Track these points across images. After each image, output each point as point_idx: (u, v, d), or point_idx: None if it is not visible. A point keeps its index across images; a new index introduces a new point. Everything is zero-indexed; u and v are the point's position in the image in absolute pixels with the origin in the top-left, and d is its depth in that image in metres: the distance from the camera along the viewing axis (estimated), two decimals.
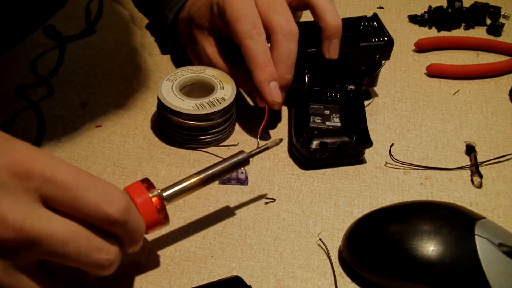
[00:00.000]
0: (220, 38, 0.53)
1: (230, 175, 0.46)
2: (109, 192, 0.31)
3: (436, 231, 0.38)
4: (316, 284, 0.40)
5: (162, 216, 0.37)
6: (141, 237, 0.35)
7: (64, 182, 0.30)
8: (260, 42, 0.47)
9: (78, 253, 0.31)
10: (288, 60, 0.48)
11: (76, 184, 0.30)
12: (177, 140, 0.49)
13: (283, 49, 0.47)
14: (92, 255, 0.31)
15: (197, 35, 0.53)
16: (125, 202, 0.32)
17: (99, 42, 0.62)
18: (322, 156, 0.47)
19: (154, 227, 0.37)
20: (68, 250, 0.30)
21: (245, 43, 0.47)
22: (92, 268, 0.32)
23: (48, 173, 0.30)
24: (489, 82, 0.60)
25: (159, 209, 0.37)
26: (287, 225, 0.44)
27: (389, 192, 0.47)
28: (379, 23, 0.54)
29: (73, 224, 0.31)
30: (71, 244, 0.30)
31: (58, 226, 0.30)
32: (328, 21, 0.48)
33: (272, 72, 0.47)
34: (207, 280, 0.39)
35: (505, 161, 0.50)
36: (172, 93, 0.48)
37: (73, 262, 0.31)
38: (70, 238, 0.30)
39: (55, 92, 0.54)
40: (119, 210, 0.31)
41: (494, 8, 0.70)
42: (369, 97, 0.57)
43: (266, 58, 0.47)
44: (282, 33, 0.47)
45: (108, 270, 0.33)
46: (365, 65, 0.53)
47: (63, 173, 0.30)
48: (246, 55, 0.47)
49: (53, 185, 0.30)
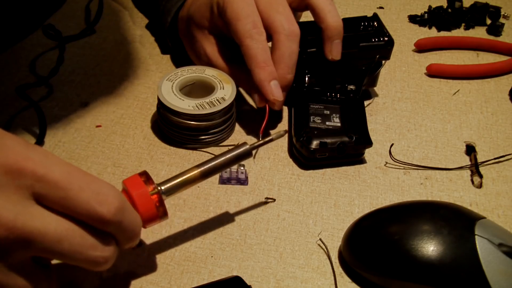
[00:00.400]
0: (220, 38, 0.53)
1: (230, 175, 0.46)
2: (102, 192, 0.31)
3: (436, 231, 0.38)
4: (316, 284, 0.40)
5: (161, 210, 0.36)
6: (137, 234, 0.35)
7: (57, 181, 0.30)
8: (260, 42, 0.47)
9: (72, 251, 0.31)
10: (289, 60, 0.48)
11: (69, 184, 0.30)
12: (177, 140, 0.49)
13: (285, 49, 0.47)
14: (87, 253, 0.31)
15: (197, 35, 0.53)
16: (118, 203, 0.32)
17: (99, 42, 0.62)
18: (322, 156, 0.47)
19: (152, 222, 0.36)
20: (61, 247, 0.30)
21: (246, 43, 0.47)
22: (87, 265, 0.32)
23: (41, 171, 0.30)
24: (489, 82, 0.60)
25: (157, 202, 0.36)
26: (287, 225, 0.44)
27: (389, 192, 0.47)
28: (379, 23, 0.54)
29: (67, 222, 0.31)
30: (65, 242, 0.30)
31: (51, 223, 0.30)
32: (329, 22, 0.48)
33: (272, 72, 0.47)
34: (207, 280, 0.39)
35: (505, 161, 0.50)
36: (172, 93, 0.48)
37: (67, 259, 0.31)
38: (63, 236, 0.30)
39: (55, 92, 0.54)
40: (112, 210, 0.31)
41: (494, 8, 0.70)
42: (369, 97, 0.57)
43: (266, 57, 0.47)
44: (284, 33, 0.47)
45: (103, 266, 0.33)
46: (365, 65, 0.53)
47: (56, 171, 0.30)
48: (246, 55, 0.47)
49: (45, 184, 0.30)
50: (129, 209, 0.33)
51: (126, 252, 0.41)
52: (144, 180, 0.36)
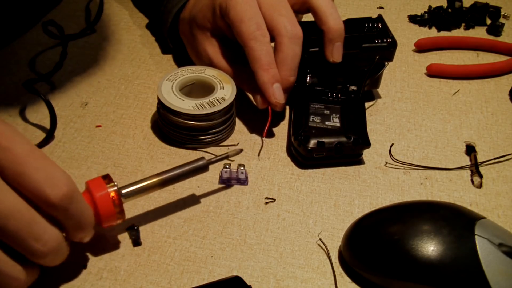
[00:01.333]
0: (222, 39, 0.53)
1: (230, 175, 0.46)
2: (55, 177, 0.33)
3: (436, 231, 0.38)
4: (316, 284, 0.40)
5: (118, 211, 0.38)
6: (87, 226, 0.36)
7: (17, 156, 0.32)
8: (264, 44, 0.47)
9: (15, 231, 0.32)
10: (292, 63, 0.48)
11: (27, 161, 0.32)
12: (177, 140, 0.49)
13: (288, 51, 0.47)
14: (31, 233, 0.32)
15: (199, 36, 0.53)
16: (67, 189, 0.33)
17: (99, 42, 0.62)
18: (319, 156, 0.47)
19: (110, 221, 0.38)
20: (6, 223, 0.31)
21: (250, 44, 0.47)
22: (25, 252, 0.33)
23: (5, 143, 0.32)
24: (489, 82, 0.60)
25: (116, 203, 0.38)
26: (287, 225, 0.44)
27: (389, 192, 0.47)
28: (383, 24, 0.54)
29: (20, 200, 0.32)
30: (11, 220, 0.31)
31: (6, 196, 0.31)
32: (331, 25, 0.48)
33: (276, 74, 0.47)
34: (207, 280, 0.39)
35: (505, 161, 0.50)
36: (172, 93, 0.48)
37: (9, 239, 0.32)
38: (12, 212, 0.31)
39: (55, 92, 0.54)
40: (59, 195, 0.32)
41: (494, 8, 0.70)
42: (372, 98, 0.57)
43: (270, 59, 0.47)
44: (287, 35, 0.47)
45: (43, 259, 0.34)
46: (367, 66, 0.53)
47: (19, 148, 0.32)
48: (250, 56, 0.47)
49: (6, 156, 0.31)
50: (78, 199, 0.34)
51: (126, 252, 0.41)
52: (107, 182, 0.38)
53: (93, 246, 0.41)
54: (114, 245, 0.41)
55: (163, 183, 0.41)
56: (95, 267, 0.40)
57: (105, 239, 0.41)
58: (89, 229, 0.36)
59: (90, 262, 0.40)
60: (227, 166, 0.46)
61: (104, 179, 0.39)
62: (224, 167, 0.46)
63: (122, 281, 0.39)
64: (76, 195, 0.34)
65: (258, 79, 0.47)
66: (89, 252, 0.41)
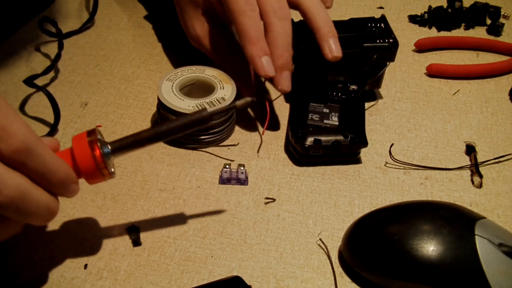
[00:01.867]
0: (213, 21, 0.53)
1: (230, 175, 0.46)
2: (8, 130, 0.31)
3: (436, 231, 0.38)
4: (316, 284, 0.40)
5: (100, 162, 0.35)
6: (59, 181, 0.34)
7: None
8: (253, 18, 0.47)
9: None
10: (284, 39, 0.48)
11: None
12: (177, 140, 0.49)
13: (279, 29, 0.47)
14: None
15: (191, 11, 0.53)
16: (20, 143, 0.31)
17: (99, 42, 0.62)
18: (316, 153, 0.47)
19: (93, 177, 0.36)
20: None
21: (239, 19, 0.47)
22: None
23: None
24: (489, 82, 0.60)
25: (96, 156, 0.35)
26: (287, 225, 0.44)
27: (389, 192, 0.47)
28: (386, 25, 0.54)
29: None
30: None
31: None
32: (318, 22, 0.48)
33: (264, 47, 0.47)
34: (207, 280, 0.39)
35: (505, 161, 0.50)
36: (172, 93, 0.48)
37: None
38: None
39: (55, 92, 0.54)
40: (10, 149, 0.31)
41: (494, 8, 0.70)
42: (374, 98, 0.57)
43: (258, 34, 0.47)
44: (275, 16, 0.48)
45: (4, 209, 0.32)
46: (368, 66, 0.53)
47: None
48: (239, 31, 0.47)
49: None
50: (39, 153, 0.33)
51: (126, 252, 0.41)
52: (90, 136, 0.35)
53: (93, 246, 0.41)
54: (114, 245, 0.41)
55: (157, 136, 0.37)
56: (95, 267, 0.40)
57: (105, 239, 0.41)
58: (65, 184, 0.34)
59: (90, 262, 0.40)
60: (227, 166, 0.46)
61: (89, 133, 0.36)
62: (224, 167, 0.46)
63: (122, 281, 0.39)
64: (36, 149, 0.32)
65: (247, 53, 0.47)
66: (89, 252, 0.41)
